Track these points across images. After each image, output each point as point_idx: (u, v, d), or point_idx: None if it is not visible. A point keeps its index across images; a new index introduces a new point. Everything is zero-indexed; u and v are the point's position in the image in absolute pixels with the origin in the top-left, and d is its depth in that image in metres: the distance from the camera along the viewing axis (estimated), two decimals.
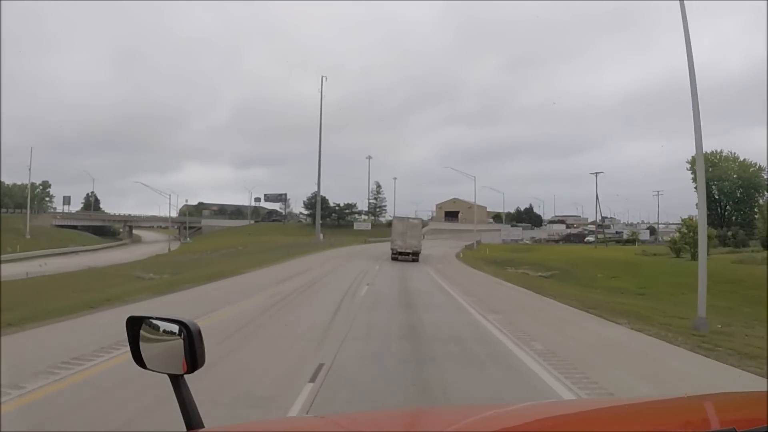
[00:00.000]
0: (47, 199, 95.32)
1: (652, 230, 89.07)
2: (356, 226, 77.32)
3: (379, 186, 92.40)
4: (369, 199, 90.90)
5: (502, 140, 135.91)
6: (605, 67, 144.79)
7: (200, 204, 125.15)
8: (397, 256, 35.67)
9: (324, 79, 60.23)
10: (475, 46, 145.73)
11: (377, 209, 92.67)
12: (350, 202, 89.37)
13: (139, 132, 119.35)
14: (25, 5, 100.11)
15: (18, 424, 4.74)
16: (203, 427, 1.44)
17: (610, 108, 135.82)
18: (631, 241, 70.69)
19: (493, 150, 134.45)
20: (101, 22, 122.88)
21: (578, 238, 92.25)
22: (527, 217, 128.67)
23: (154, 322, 1.55)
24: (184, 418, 1.44)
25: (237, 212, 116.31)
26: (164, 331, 1.52)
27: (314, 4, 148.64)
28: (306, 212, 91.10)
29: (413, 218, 45.33)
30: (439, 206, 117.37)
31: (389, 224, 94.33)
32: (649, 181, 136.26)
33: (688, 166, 77.10)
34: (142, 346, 1.55)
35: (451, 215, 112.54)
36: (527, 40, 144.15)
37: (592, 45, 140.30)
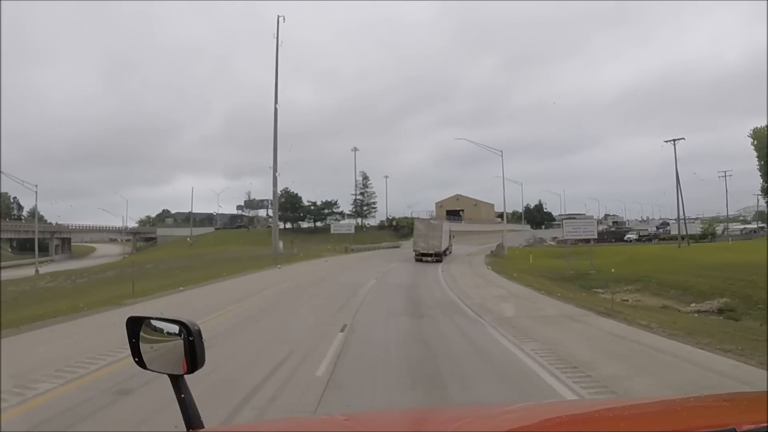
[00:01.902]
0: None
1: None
2: (334, 229, 57.63)
3: (365, 178, 73.14)
4: (355, 194, 71.82)
5: (498, 141, 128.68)
6: (602, 64, 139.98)
7: (164, 212, 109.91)
8: (421, 257, 34.87)
9: (281, 19, 41.83)
10: (471, 46, 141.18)
11: (365, 208, 73.14)
12: (330, 200, 70.12)
13: (130, 144, 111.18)
14: (10, 17, 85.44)
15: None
16: (203, 427, 1.42)
17: (607, 105, 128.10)
18: (705, 236, 52.62)
19: (489, 151, 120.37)
20: (90, 33, 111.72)
21: (613, 236, 74.64)
22: (539, 216, 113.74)
23: (155, 322, 1.50)
24: (184, 418, 1.40)
25: (207, 220, 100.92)
26: (164, 331, 1.48)
27: (307, 9, 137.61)
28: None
29: (434, 220, 43.16)
30: (439, 204, 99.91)
31: (381, 227, 76.22)
32: (646, 178, 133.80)
33: (752, 140, 59.98)
34: (142, 346, 1.49)
35: (453, 214, 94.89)
36: (523, 38, 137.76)
37: (589, 42, 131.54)
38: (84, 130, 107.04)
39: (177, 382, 1.41)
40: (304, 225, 69.75)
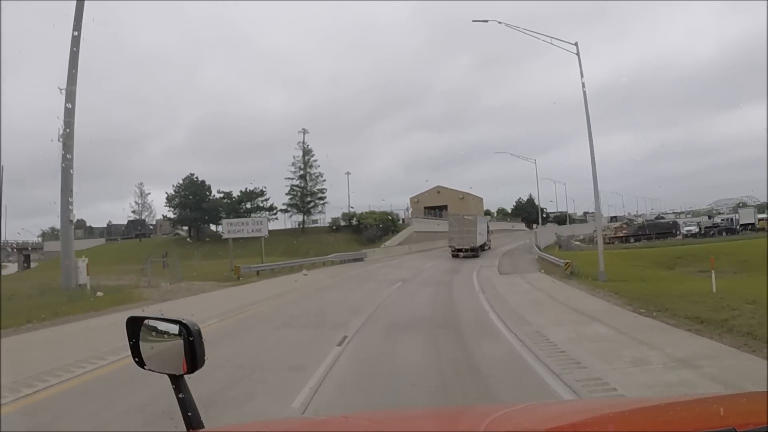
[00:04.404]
0: None
1: None
2: (228, 232, 31.00)
3: (308, 153, 49.18)
4: (301, 171, 47.93)
5: (469, 143, 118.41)
6: (573, 62, 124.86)
7: (79, 222, 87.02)
8: (458, 253, 35.23)
9: None
10: (442, 46, 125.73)
11: (308, 199, 49.16)
12: (255, 188, 46.12)
13: (95, 158, 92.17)
14: None
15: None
16: (203, 427, 1.42)
17: (577, 105, 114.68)
18: None
19: (462, 154, 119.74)
20: (51, 42, 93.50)
21: (656, 229, 54.54)
22: (535, 212, 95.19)
23: (154, 322, 1.48)
24: (184, 418, 1.40)
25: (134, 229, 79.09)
26: (164, 331, 1.45)
27: (278, 12, 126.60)
28: (173, 215, 48.73)
29: (468, 215, 41.04)
30: (414, 200, 78.06)
31: (334, 228, 52.42)
32: (622, 175, 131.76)
33: None
34: (142, 346, 1.48)
35: (434, 211, 73.41)
36: (496, 38, 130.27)
37: (566, 37, 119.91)
38: (44, 144, 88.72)
39: (177, 382, 1.40)
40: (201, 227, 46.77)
